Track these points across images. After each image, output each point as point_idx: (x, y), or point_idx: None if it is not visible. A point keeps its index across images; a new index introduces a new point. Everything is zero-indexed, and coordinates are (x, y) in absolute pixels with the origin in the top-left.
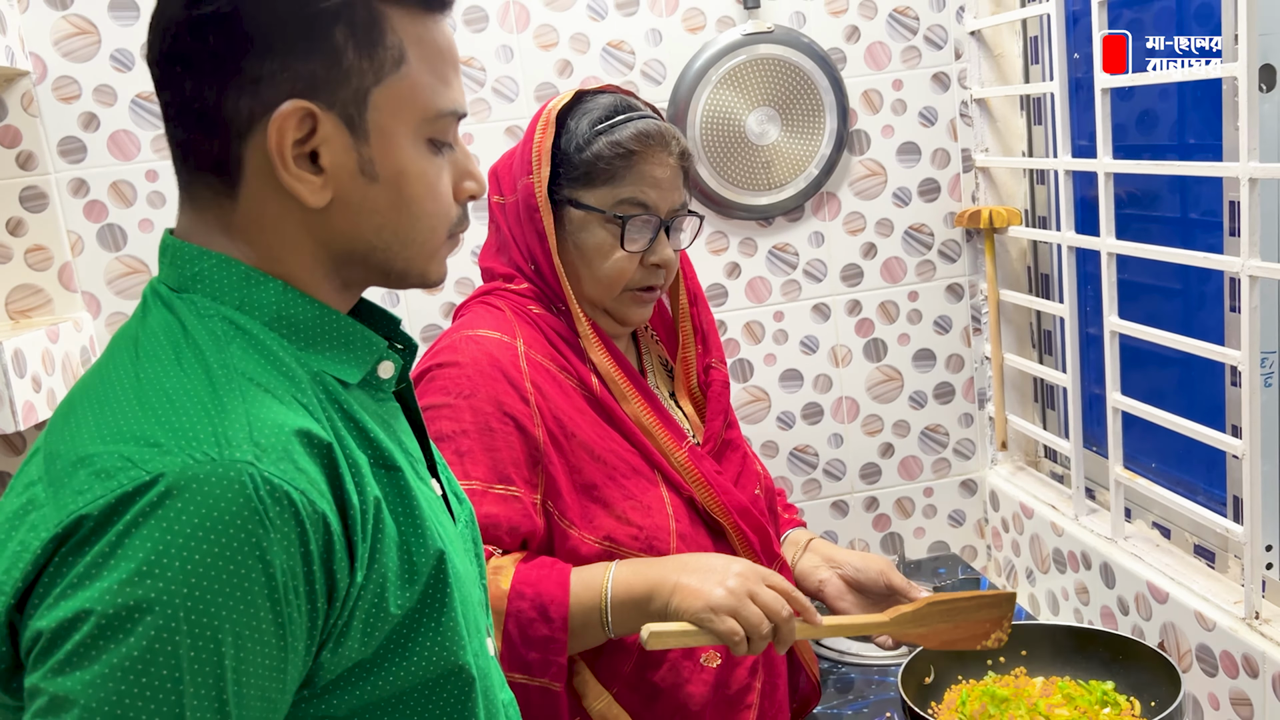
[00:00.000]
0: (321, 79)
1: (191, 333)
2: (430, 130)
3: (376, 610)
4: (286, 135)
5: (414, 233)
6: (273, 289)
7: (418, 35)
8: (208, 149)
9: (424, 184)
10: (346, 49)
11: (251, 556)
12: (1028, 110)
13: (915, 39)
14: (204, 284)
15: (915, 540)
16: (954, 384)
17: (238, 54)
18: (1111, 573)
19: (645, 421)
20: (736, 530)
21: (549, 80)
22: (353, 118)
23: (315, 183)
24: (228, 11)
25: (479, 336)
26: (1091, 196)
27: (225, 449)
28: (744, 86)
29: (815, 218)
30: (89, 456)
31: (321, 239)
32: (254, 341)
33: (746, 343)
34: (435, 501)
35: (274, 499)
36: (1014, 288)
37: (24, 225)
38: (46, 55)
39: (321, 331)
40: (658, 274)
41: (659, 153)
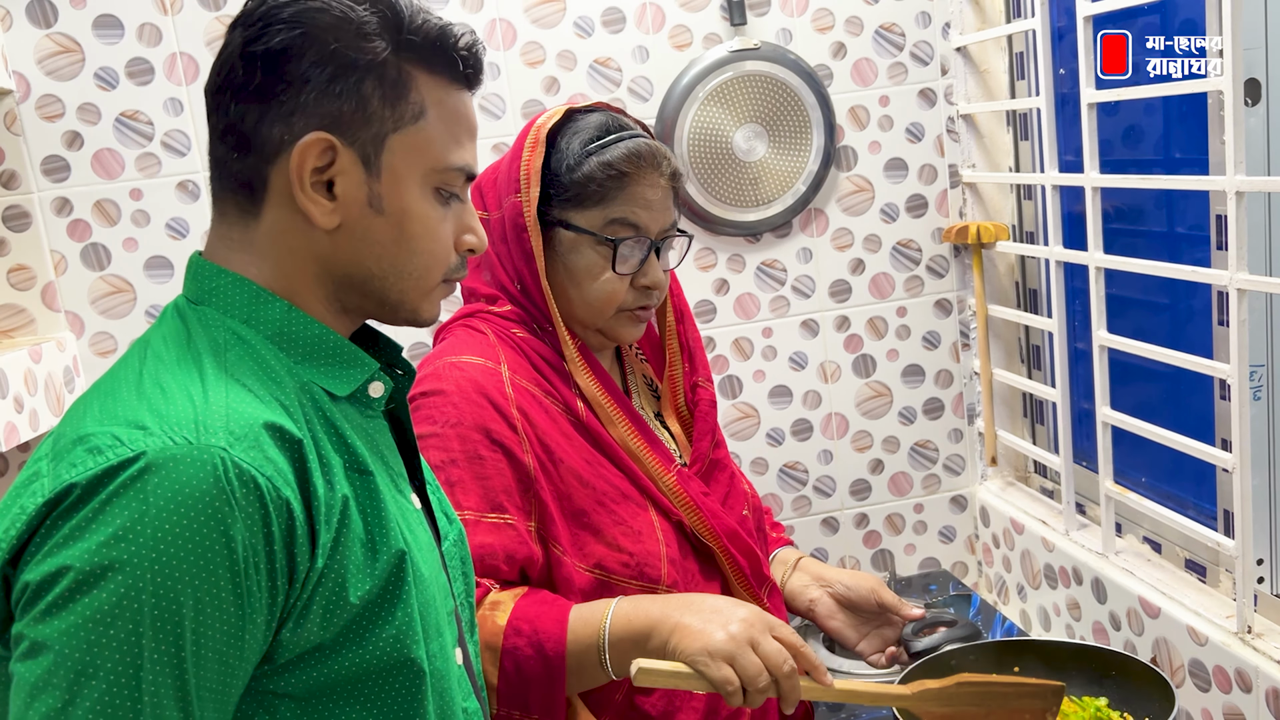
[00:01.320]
0: (347, 119)
1: (195, 338)
2: (438, 180)
3: (336, 597)
4: (308, 161)
5: (410, 266)
6: (278, 308)
7: (439, 98)
8: (240, 167)
9: (425, 225)
10: (373, 98)
11: (216, 531)
12: (1014, 125)
13: (902, 55)
14: (217, 298)
15: (906, 557)
16: (943, 399)
17: (279, 87)
18: (1103, 588)
19: (632, 445)
20: (725, 554)
21: (535, 97)
22: (369, 156)
23: (327, 206)
24: (278, 51)
25: (462, 363)
26: (1078, 211)
27: (203, 435)
28: (731, 103)
29: (803, 234)
30: (86, 435)
31: (326, 261)
32: (251, 350)
33: (735, 359)
34: (412, 513)
35: (241, 481)
36: (1002, 303)
37: (6, 245)
38: (30, 73)
39: (317, 348)
40: (649, 295)
41: (650, 173)
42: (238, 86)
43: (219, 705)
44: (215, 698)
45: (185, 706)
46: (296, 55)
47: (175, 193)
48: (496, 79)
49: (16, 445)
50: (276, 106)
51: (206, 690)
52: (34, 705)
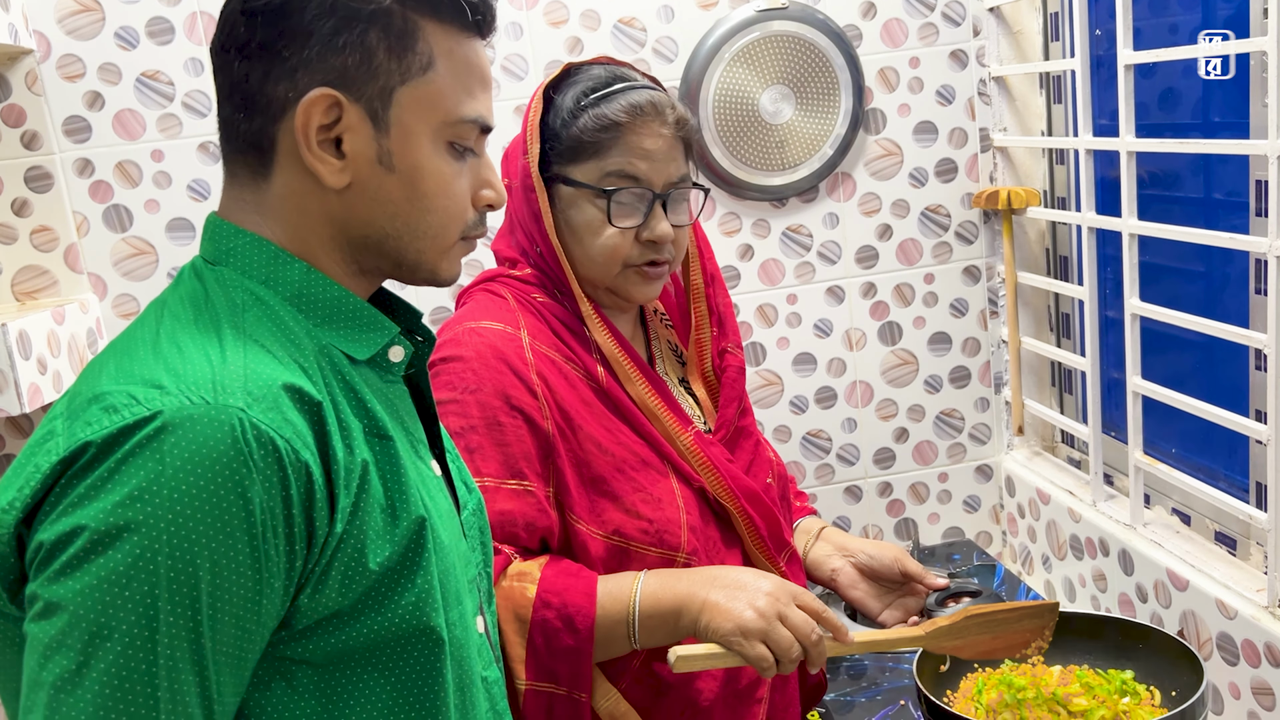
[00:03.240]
0: (352, 73)
1: (213, 298)
2: (450, 134)
3: (355, 563)
4: (313, 119)
5: (425, 225)
6: (297, 269)
7: (448, 48)
8: (248, 128)
9: (438, 181)
10: (379, 50)
11: (234, 492)
12: (1047, 89)
13: (933, 15)
14: (236, 259)
15: (930, 526)
16: (970, 368)
17: (281, 43)
18: (1130, 560)
19: (650, 404)
20: (743, 515)
21: (558, 58)
22: (377, 111)
23: (335, 165)
24: (278, 6)
25: (482, 329)
26: (1112, 177)
27: (220, 395)
28: (757, 64)
29: (830, 198)
30: (102, 394)
31: (340, 222)
32: (270, 311)
33: (759, 326)
34: (433, 480)
35: (259, 443)
36: (1032, 270)
37: (29, 206)
38: (50, 33)
39: (337, 310)
40: (660, 250)
41: (649, 123)
42: (240, 44)
43: (235, 669)
44: (232, 662)
45: (201, 669)
46: (298, 9)
47: (196, 154)
48: (519, 39)
49: (40, 407)
50: (280, 63)
51: (223, 654)
52: (48, 666)
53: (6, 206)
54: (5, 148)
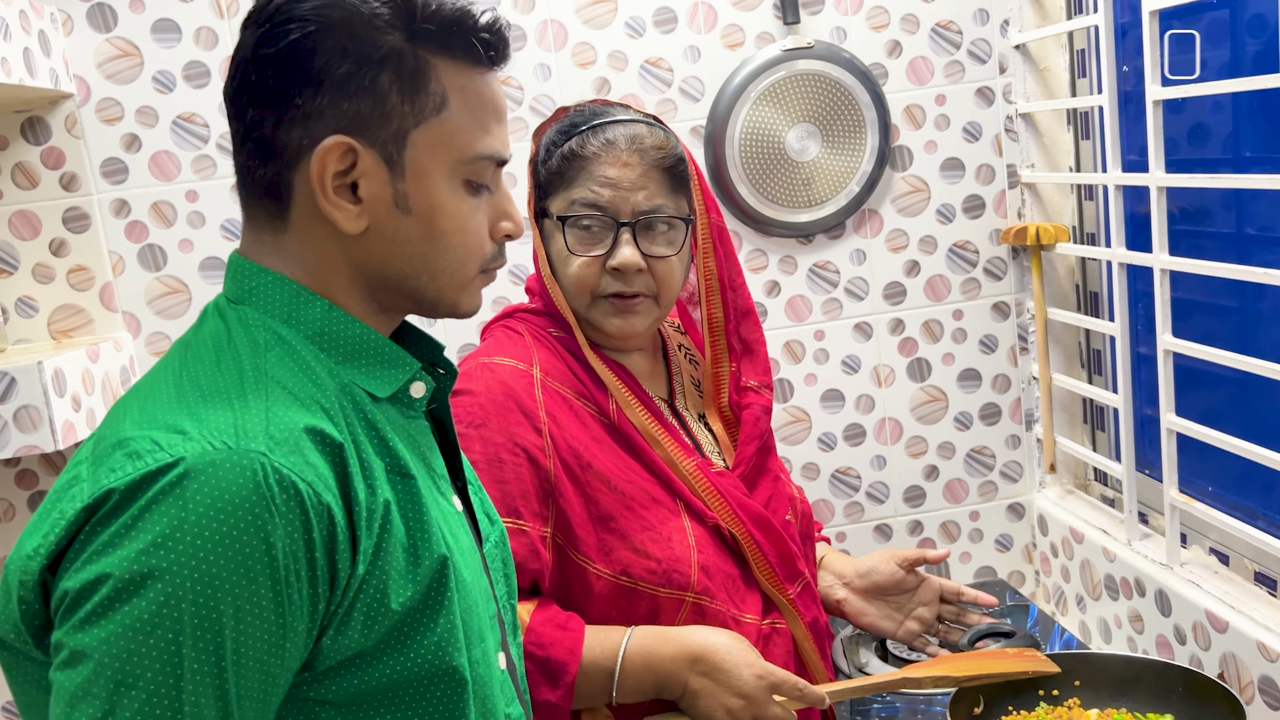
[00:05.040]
0: (365, 118)
1: (235, 339)
2: (467, 172)
3: (378, 604)
4: (328, 166)
5: (443, 264)
6: (319, 307)
7: (461, 85)
8: (264, 174)
9: (456, 220)
10: (391, 93)
11: (256, 537)
12: (1075, 125)
13: (959, 53)
14: (258, 298)
15: (961, 565)
16: (1000, 405)
17: (293, 90)
18: (1167, 600)
19: (650, 430)
20: (749, 542)
21: (586, 97)
22: (391, 155)
23: (352, 211)
24: (288, 52)
25: (494, 364)
26: (1141, 212)
27: (242, 439)
28: (784, 103)
29: (857, 235)
30: (125, 440)
31: (358, 264)
32: (291, 351)
33: (787, 362)
34: (454, 516)
35: (281, 487)
36: (1062, 306)
37: (66, 246)
38: (90, 77)
39: (359, 348)
40: (628, 280)
41: (619, 154)
42: (253, 91)
43: (260, 713)
44: (256, 705)
45: (226, 714)
46: (308, 55)
47: (230, 194)
48: (547, 80)
49: (73, 444)
50: (292, 110)
51: (247, 699)
52: (73, 714)
53: (45, 247)
54: (44, 189)
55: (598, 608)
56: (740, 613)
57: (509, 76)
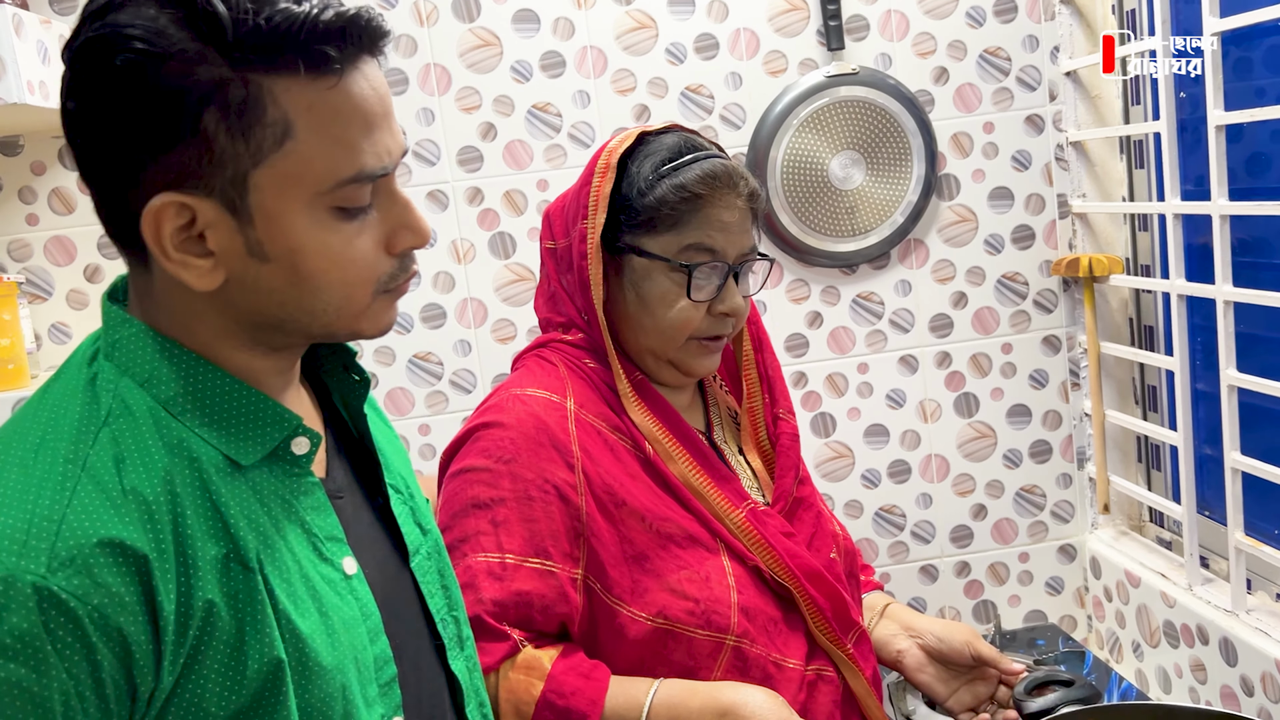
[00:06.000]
0: (192, 169)
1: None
2: (332, 200)
3: (196, 709)
4: (164, 227)
5: (319, 304)
6: (183, 363)
7: (308, 104)
8: (116, 230)
9: (325, 257)
10: (218, 135)
11: (25, 668)
12: (1128, 153)
13: (1007, 80)
14: (120, 353)
15: (1010, 609)
16: (1051, 442)
17: (107, 149)
18: (1233, 649)
19: (695, 483)
20: (804, 596)
21: (626, 125)
22: (233, 202)
23: (203, 266)
24: (95, 109)
25: (526, 396)
26: (1197, 243)
27: (21, 559)
28: (827, 130)
29: (902, 265)
30: None
31: (229, 313)
32: (132, 426)
33: (829, 395)
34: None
35: (58, 611)
36: (1115, 340)
37: (101, 272)
38: None
39: (224, 409)
40: (726, 323)
41: (726, 195)
42: (75, 148)
43: None
44: None
45: None
46: (115, 107)
47: None
48: (586, 107)
49: None
50: (114, 168)
51: None
52: None
53: (80, 272)
54: (81, 215)
55: (631, 652)
56: (782, 657)
57: (547, 103)
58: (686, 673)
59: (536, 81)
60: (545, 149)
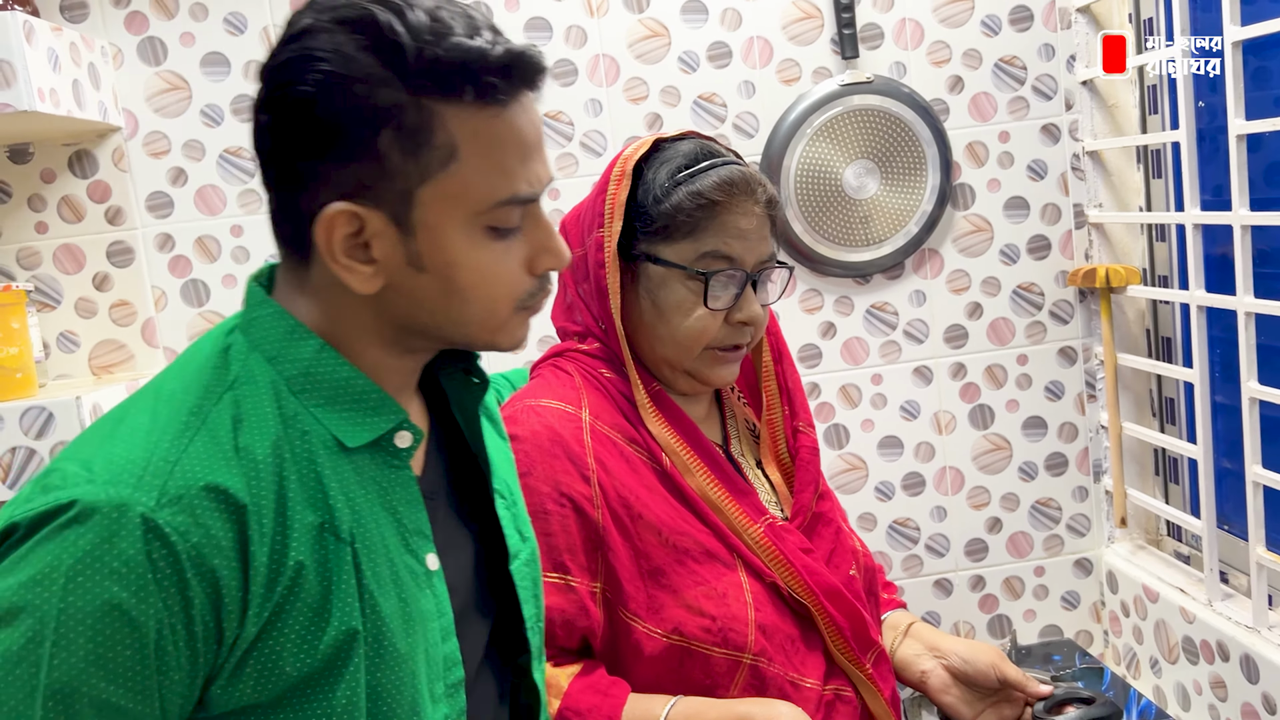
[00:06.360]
0: (368, 181)
1: (203, 371)
2: (487, 220)
3: (272, 665)
4: (334, 233)
5: (466, 315)
6: (309, 347)
7: (474, 130)
8: (285, 230)
9: (476, 273)
10: (392, 153)
11: (126, 591)
12: (1145, 163)
13: (1023, 89)
14: (254, 329)
15: (1025, 624)
16: (1067, 455)
17: (293, 156)
18: (1254, 666)
19: (713, 496)
20: (823, 614)
21: (638, 134)
22: (400, 215)
23: (366, 272)
24: (284, 120)
25: (541, 407)
26: (1215, 254)
27: (135, 491)
28: (841, 139)
29: (916, 275)
30: (52, 469)
31: (380, 315)
32: (255, 395)
33: (842, 407)
34: (419, 576)
35: (161, 543)
36: (1132, 351)
37: (110, 280)
38: (138, 111)
39: (341, 393)
40: (744, 332)
41: (744, 201)
42: (262, 152)
43: None
44: None
45: None
46: (305, 121)
47: None
48: (598, 115)
49: None
50: (296, 175)
51: None
52: None
53: (88, 281)
54: (90, 223)
55: (647, 669)
56: (800, 676)
57: (559, 112)
58: (704, 691)
59: (548, 89)
60: (557, 158)
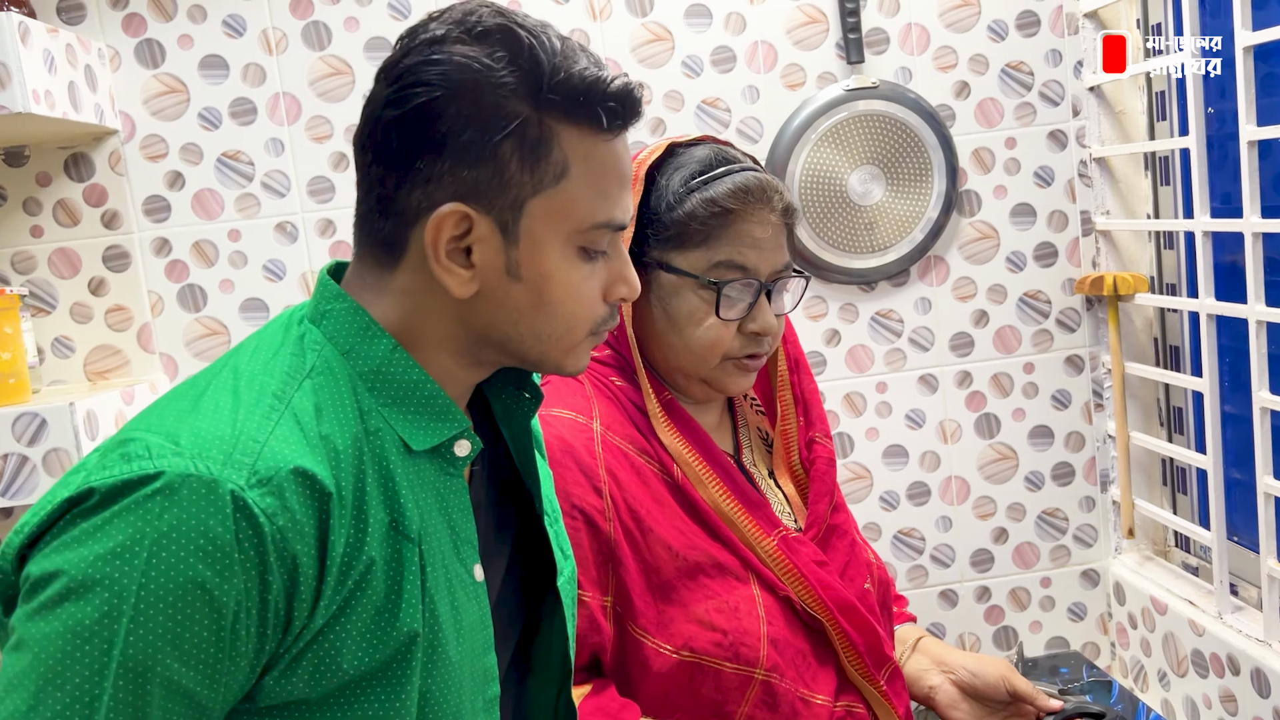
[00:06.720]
0: (484, 186)
1: (280, 358)
2: (583, 240)
3: (330, 660)
4: (444, 232)
5: (549, 330)
6: (383, 345)
7: (585, 152)
8: (381, 227)
9: (566, 289)
10: (511, 162)
11: (210, 570)
12: (1153, 170)
13: (1030, 95)
14: (328, 321)
15: (1031, 635)
16: (1074, 464)
17: (416, 154)
18: (1265, 680)
19: (726, 509)
20: (837, 630)
21: (640, 139)
22: (507, 223)
23: (464, 275)
24: (414, 116)
25: (552, 416)
26: (1225, 261)
27: (225, 468)
28: (846, 144)
29: (922, 282)
30: (130, 439)
31: (463, 321)
32: (333, 384)
33: (847, 415)
34: (468, 586)
35: (249, 523)
36: (1139, 360)
37: (105, 285)
38: (136, 114)
39: (410, 395)
40: (759, 342)
41: (759, 210)
42: (378, 149)
43: None
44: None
45: None
46: (433, 121)
47: (273, 234)
48: None
49: None
50: (414, 173)
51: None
52: (5, 701)
53: (84, 286)
54: (86, 227)
55: (655, 686)
56: (811, 692)
57: None
58: (714, 707)
59: None
60: None
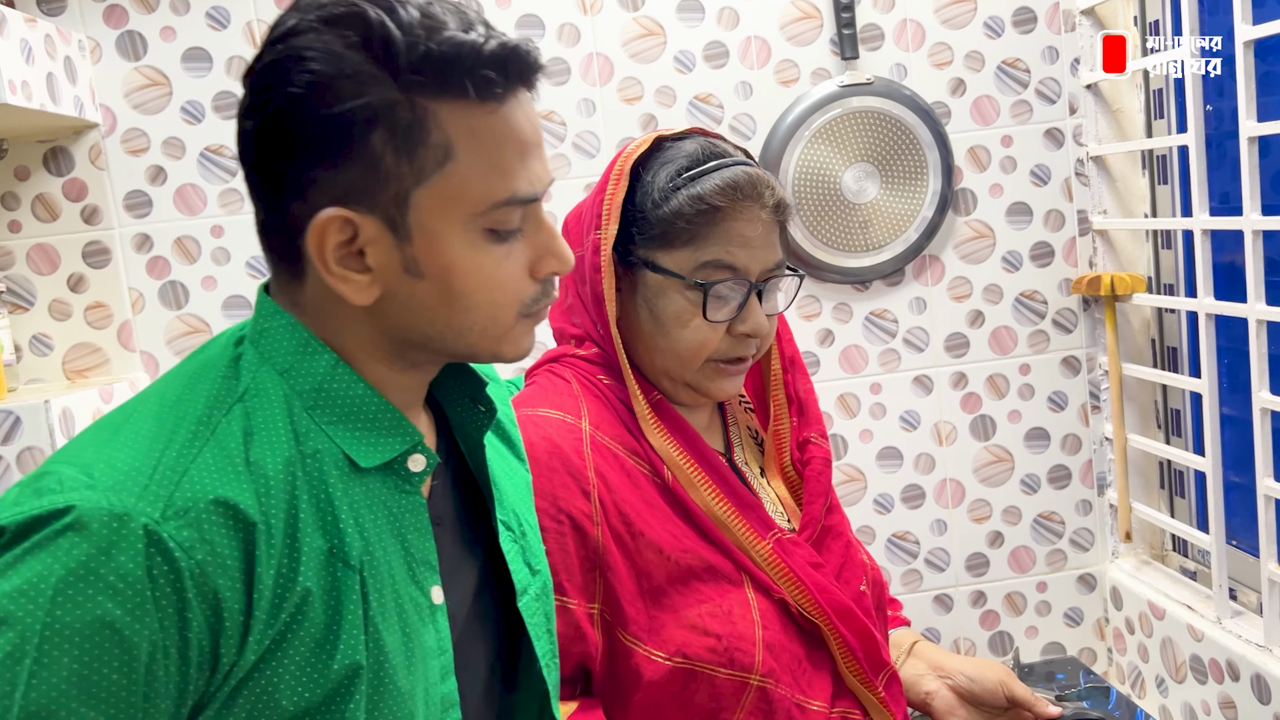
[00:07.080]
0: (360, 185)
1: (208, 379)
2: (487, 221)
3: (267, 697)
4: (326, 241)
5: (468, 322)
6: (324, 362)
7: (469, 128)
8: (275, 243)
9: (478, 277)
10: (384, 154)
11: (121, 608)
12: (1150, 168)
13: (1026, 93)
14: (266, 340)
15: (1027, 640)
16: (1070, 467)
17: (279, 162)
18: (1266, 686)
19: (718, 512)
20: (835, 634)
21: (632, 134)
22: (394, 219)
23: (361, 281)
24: (269, 124)
25: (539, 416)
26: (1223, 261)
27: (140, 500)
28: (840, 141)
29: (916, 282)
30: (46, 471)
31: (378, 327)
32: (265, 407)
33: (840, 417)
34: (422, 609)
35: (164, 558)
36: (1137, 361)
37: (85, 281)
38: (116, 107)
39: (355, 411)
40: (748, 344)
41: (749, 207)
42: (247, 159)
43: None
44: None
45: None
46: (290, 124)
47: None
48: (591, 116)
49: None
50: (285, 181)
51: None
52: None
53: (63, 282)
54: (65, 222)
55: (647, 695)
56: (806, 698)
57: (551, 112)
58: (708, 715)
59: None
60: (550, 158)
